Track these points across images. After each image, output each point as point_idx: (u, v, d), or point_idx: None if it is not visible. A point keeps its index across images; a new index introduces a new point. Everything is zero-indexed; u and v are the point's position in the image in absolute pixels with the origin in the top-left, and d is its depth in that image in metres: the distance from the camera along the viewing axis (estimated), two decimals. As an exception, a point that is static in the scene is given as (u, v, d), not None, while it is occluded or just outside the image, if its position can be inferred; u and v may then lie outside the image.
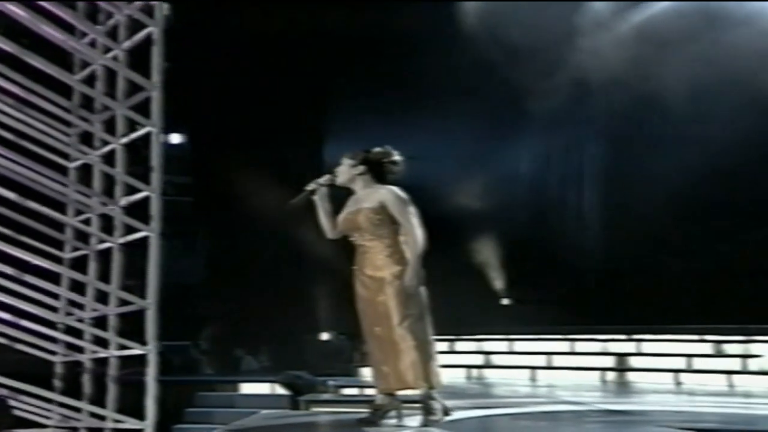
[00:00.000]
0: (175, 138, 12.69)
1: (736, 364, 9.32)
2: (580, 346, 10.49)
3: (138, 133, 5.09)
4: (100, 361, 5.15)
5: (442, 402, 4.57)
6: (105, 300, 5.15)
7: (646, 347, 10.10)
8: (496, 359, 10.79)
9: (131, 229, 5.03)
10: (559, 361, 10.37)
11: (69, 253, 5.39)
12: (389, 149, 4.72)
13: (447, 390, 4.64)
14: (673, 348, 9.82)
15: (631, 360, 9.99)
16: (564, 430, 5.32)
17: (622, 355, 10.06)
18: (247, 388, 9.75)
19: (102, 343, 5.08)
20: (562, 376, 9.90)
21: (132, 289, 5.07)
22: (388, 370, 4.49)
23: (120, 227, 5.10)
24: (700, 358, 9.58)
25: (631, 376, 9.71)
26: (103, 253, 5.25)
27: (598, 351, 10.34)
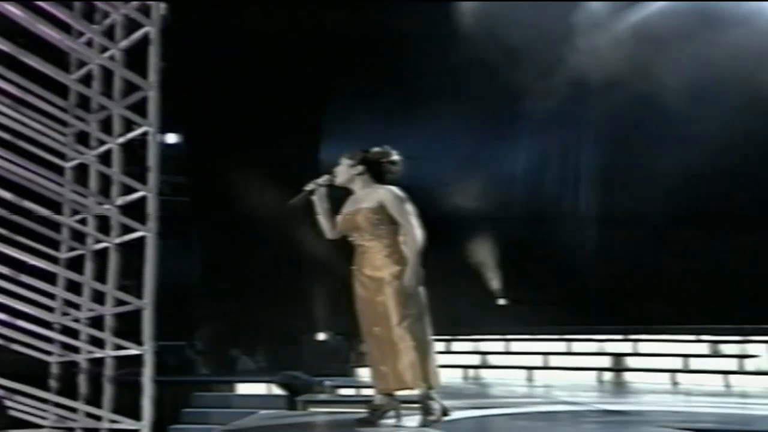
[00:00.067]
0: (172, 138, 12.66)
1: (732, 365, 9.34)
2: (577, 346, 10.51)
3: (135, 132, 5.07)
4: (97, 361, 5.13)
5: (441, 402, 4.56)
6: (101, 300, 5.13)
7: (643, 347, 10.11)
8: (493, 359, 10.80)
9: (128, 229, 5.01)
10: (555, 361, 10.39)
11: (65, 253, 5.36)
12: (388, 149, 4.70)
13: (444, 390, 4.63)
14: (670, 348, 9.83)
15: (628, 360, 10.00)
16: (562, 430, 5.32)
17: (618, 356, 10.07)
18: (244, 388, 9.74)
19: (98, 343, 5.06)
20: (559, 376, 9.91)
21: (128, 289, 5.05)
22: (387, 370, 4.47)
23: (116, 227, 5.08)
24: (697, 358, 9.60)
25: (628, 377, 9.72)
26: (100, 253, 5.24)
27: (595, 351, 10.36)
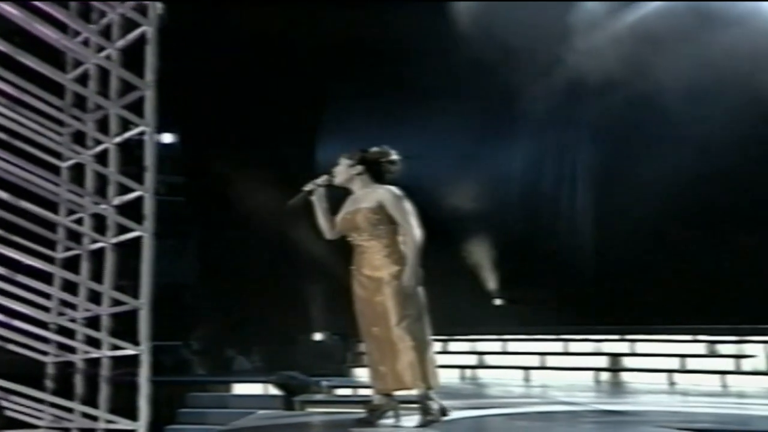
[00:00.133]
0: (169, 137, 12.63)
1: (729, 365, 9.35)
2: (574, 347, 10.51)
3: (131, 132, 5.05)
4: (93, 361, 5.12)
5: (440, 402, 4.55)
6: (97, 300, 5.11)
7: (640, 347, 10.11)
8: (490, 359, 10.79)
9: (124, 229, 4.99)
10: (553, 361, 10.39)
11: (61, 252, 5.34)
12: (387, 149, 4.71)
13: (441, 390, 4.63)
14: (667, 348, 9.83)
15: (625, 360, 10.01)
16: (560, 431, 5.32)
17: (615, 356, 10.07)
18: (240, 388, 9.72)
19: (94, 343, 5.04)
20: (557, 376, 9.91)
21: (125, 289, 5.04)
22: (386, 370, 4.47)
23: (113, 227, 5.06)
24: (694, 358, 9.60)
25: (625, 377, 9.72)
26: (96, 253, 5.21)
27: (592, 351, 10.36)
